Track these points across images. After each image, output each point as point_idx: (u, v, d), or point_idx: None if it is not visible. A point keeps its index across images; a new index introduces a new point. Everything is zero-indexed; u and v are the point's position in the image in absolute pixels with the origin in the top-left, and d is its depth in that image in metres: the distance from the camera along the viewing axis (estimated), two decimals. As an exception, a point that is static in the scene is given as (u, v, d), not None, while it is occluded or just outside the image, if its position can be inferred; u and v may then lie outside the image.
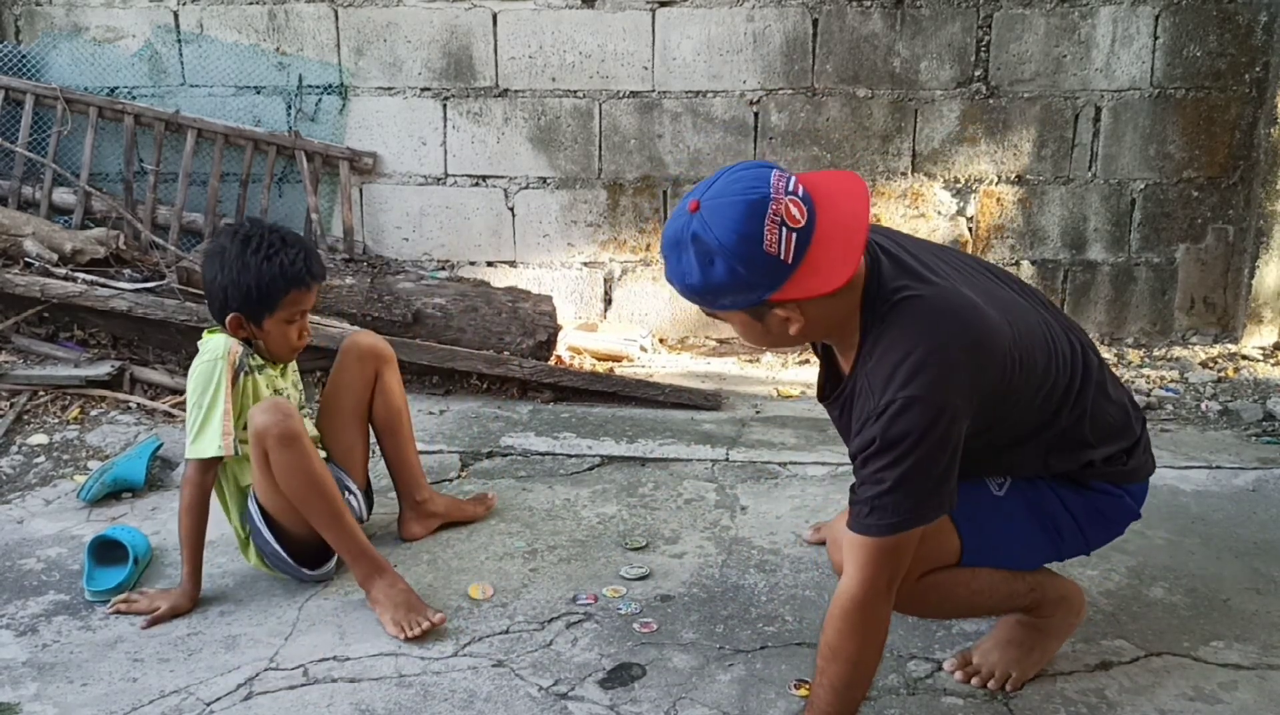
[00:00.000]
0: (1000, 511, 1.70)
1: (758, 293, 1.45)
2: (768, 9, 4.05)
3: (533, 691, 1.81)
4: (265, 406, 2.04)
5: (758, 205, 1.41)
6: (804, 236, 1.43)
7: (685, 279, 1.49)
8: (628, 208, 4.24)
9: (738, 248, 1.41)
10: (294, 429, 2.02)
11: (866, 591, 1.53)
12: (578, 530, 2.48)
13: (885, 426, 1.47)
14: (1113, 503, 1.74)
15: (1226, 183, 4.14)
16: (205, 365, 2.08)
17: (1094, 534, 1.77)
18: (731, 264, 1.43)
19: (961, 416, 1.49)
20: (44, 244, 3.66)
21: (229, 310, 2.11)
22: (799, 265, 1.43)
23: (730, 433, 3.12)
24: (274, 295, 2.09)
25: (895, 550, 1.52)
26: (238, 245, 2.09)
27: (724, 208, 1.42)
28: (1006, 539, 1.71)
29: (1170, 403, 3.49)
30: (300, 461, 2.03)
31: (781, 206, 1.41)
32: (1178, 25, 4.01)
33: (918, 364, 1.46)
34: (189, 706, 1.77)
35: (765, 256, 1.41)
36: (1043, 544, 1.74)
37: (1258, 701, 1.77)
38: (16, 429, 3.04)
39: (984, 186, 4.16)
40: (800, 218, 1.42)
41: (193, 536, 2.10)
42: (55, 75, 4.18)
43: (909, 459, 1.46)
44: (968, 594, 1.72)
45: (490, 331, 3.59)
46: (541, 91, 4.15)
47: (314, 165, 4.16)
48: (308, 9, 4.12)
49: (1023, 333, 1.58)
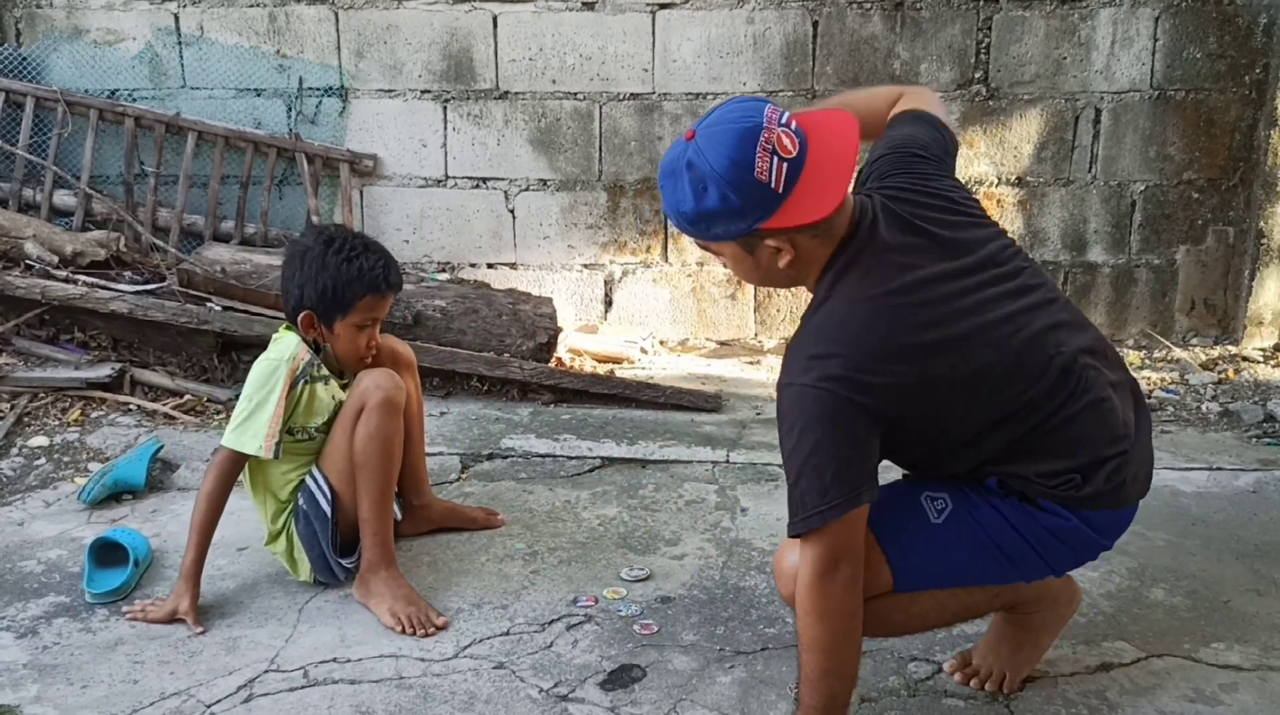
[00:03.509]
0: (938, 541, 1.61)
1: (749, 221, 1.48)
2: (768, 11, 4.06)
3: (533, 693, 1.81)
4: (382, 372, 2.14)
5: (750, 133, 1.44)
6: (795, 167, 1.45)
7: (680, 207, 1.51)
8: (628, 210, 4.24)
9: (729, 173, 1.44)
10: (399, 399, 2.12)
11: (810, 574, 1.49)
12: (578, 532, 2.48)
13: (778, 411, 1.51)
14: (1066, 527, 1.58)
15: (1227, 184, 4.14)
16: (268, 363, 2.10)
17: (1052, 558, 1.62)
18: (724, 190, 1.45)
19: (855, 417, 1.46)
20: (45, 246, 3.66)
21: (303, 308, 2.12)
22: (789, 195, 1.45)
23: (731, 435, 3.12)
24: (349, 298, 2.10)
25: (829, 535, 1.47)
26: (320, 245, 2.11)
27: (718, 135, 1.46)
28: (949, 568, 1.62)
29: (1171, 404, 3.49)
30: (389, 430, 2.10)
31: (774, 135, 1.44)
32: (1177, 27, 4.01)
33: (816, 354, 1.48)
34: (189, 708, 1.77)
35: (756, 184, 1.44)
36: (994, 571, 1.63)
37: (1258, 703, 1.77)
38: (17, 431, 3.04)
39: (984, 188, 4.16)
40: (792, 149, 1.45)
41: (207, 525, 2.09)
42: (56, 78, 4.19)
43: (803, 447, 1.47)
44: (906, 617, 1.66)
45: (491, 333, 3.59)
46: (542, 93, 4.15)
47: (314, 167, 4.16)
48: (308, 11, 4.13)
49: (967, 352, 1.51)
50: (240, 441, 2.07)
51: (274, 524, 2.19)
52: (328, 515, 2.13)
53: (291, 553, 2.19)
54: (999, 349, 1.53)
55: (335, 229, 2.17)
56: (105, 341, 3.58)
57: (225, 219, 4.21)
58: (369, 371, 2.15)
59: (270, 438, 2.06)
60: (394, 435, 2.12)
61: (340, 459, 2.13)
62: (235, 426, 2.08)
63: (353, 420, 2.11)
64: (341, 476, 2.13)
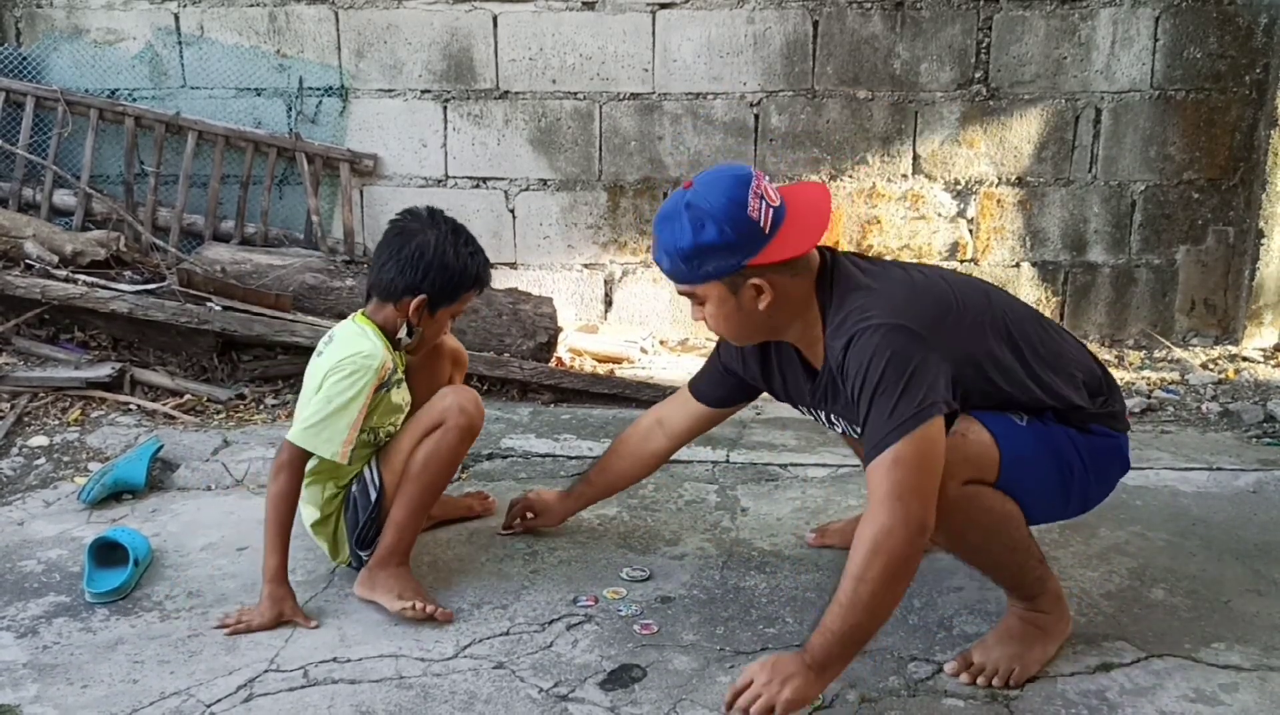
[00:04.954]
0: (1025, 440, 1.76)
1: (739, 257, 1.68)
2: (768, 11, 4.06)
3: (533, 693, 1.81)
4: (469, 396, 2.14)
5: (744, 180, 1.69)
6: (779, 213, 1.70)
7: (677, 243, 1.70)
8: (628, 210, 4.24)
9: (727, 209, 1.66)
10: (479, 427, 2.14)
11: (896, 481, 1.58)
12: (578, 532, 2.47)
13: (854, 362, 1.65)
14: (1111, 445, 1.85)
15: (1227, 184, 4.14)
16: (359, 369, 2.03)
17: (1095, 479, 1.85)
18: (721, 225, 1.66)
19: (929, 345, 1.63)
20: (45, 246, 3.66)
21: (419, 291, 2.08)
22: (774, 236, 1.68)
23: (730, 434, 3.12)
24: (462, 289, 2.12)
25: (918, 443, 1.58)
26: (448, 233, 2.10)
27: (715, 181, 1.70)
28: (1029, 466, 1.76)
29: (1171, 404, 3.49)
30: (455, 457, 2.12)
31: (762, 186, 1.69)
32: (1178, 27, 4.01)
33: (870, 307, 1.68)
34: (189, 708, 1.77)
35: (749, 221, 1.66)
36: (1055, 483, 1.80)
37: (1258, 703, 1.77)
38: (17, 431, 3.04)
39: (984, 188, 4.17)
40: (775, 199, 1.70)
41: (285, 524, 2.03)
42: (56, 77, 4.19)
43: (893, 370, 1.61)
44: (1002, 515, 1.76)
45: (491, 333, 3.59)
46: (542, 93, 4.15)
47: (314, 167, 4.16)
48: (308, 11, 4.13)
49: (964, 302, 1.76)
50: (315, 442, 2.02)
51: (328, 507, 2.17)
52: (371, 503, 2.13)
53: (335, 535, 2.19)
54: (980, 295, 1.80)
55: (446, 218, 2.14)
56: (105, 341, 3.58)
57: (225, 219, 4.21)
58: (456, 389, 2.16)
59: (348, 444, 2.03)
60: (458, 459, 2.15)
61: (400, 462, 2.12)
62: (309, 425, 2.02)
63: (425, 430, 2.10)
64: (395, 475, 2.12)
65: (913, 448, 1.59)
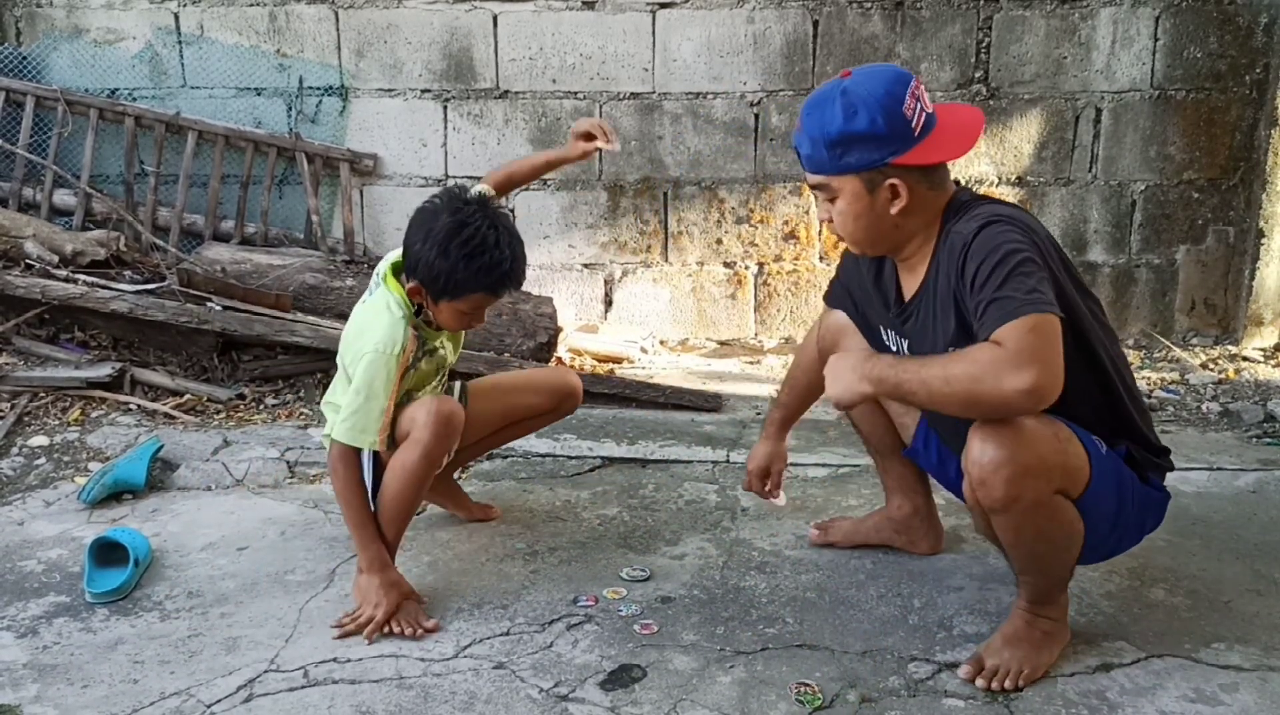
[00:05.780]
0: (1106, 467, 1.75)
1: (885, 152, 1.67)
2: (768, 10, 4.06)
3: (533, 693, 1.81)
4: (454, 409, 2.08)
5: (904, 79, 1.69)
6: (931, 119, 1.70)
7: (825, 128, 1.67)
8: (628, 209, 4.24)
9: (884, 100, 1.65)
10: (435, 453, 2.06)
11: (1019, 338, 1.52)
12: (578, 532, 2.48)
13: (985, 243, 1.61)
14: (1159, 501, 1.87)
15: (1227, 184, 4.14)
16: (382, 357, 2.02)
17: (1134, 531, 1.87)
18: (874, 115, 1.64)
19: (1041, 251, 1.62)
20: (45, 246, 3.66)
21: (414, 278, 2.04)
22: (924, 138, 1.67)
23: (731, 434, 3.12)
24: (461, 291, 2.01)
25: (1054, 341, 1.53)
26: (449, 227, 1.97)
27: (876, 73, 1.69)
28: (1103, 499, 1.75)
29: (1171, 404, 3.49)
30: (418, 474, 2.06)
31: (920, 90, 1.69)
32: (1178, 27, 4.01)
33: (1005, 212, 1.69)
34: (189, 708, 1.77)
35: (903, 117, 1.65)
36: (1108, 526, 1.80)
37: (1259, 703, 1.77)
38: (17, 431, 3.04)
39: (984, 188, 4.16)
40: (930, 107, 1.70)
41: (365, 516, 2.04)
42: (56, 77, 4.19)
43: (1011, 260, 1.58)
44: (1072, 533, 1.75)
45: (490, 333, 3.59)
46: (542, 93, 4.15)
47: (314, 167, 4.16)
48: (308, 11, 4.12)
49: None
50: (354, 436, 2.04)
51: None
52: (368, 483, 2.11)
53: None
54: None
55: (472, 211, 2.00)
56: (105, 341, 3.58)
57: (225, 218, 4.21)
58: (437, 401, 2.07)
59: (383, 431, 2.04)
60: (424, 475, 2.07)
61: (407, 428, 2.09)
62: (347, 418, 2.03)
63: (404, 433, 2.08)
64: (387, 455, 2.10)
65: (1050, 325, 1.54)
